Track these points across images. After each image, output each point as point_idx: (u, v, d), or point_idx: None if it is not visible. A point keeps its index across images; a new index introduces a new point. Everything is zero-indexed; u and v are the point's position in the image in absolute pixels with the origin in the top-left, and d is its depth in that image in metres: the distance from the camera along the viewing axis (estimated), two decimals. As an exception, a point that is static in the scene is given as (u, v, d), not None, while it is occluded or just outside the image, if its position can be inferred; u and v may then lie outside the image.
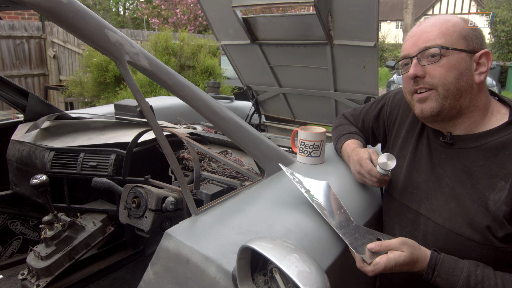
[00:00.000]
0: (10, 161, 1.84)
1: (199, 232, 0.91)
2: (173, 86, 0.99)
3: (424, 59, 0.96)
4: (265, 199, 1.09)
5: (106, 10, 25.74)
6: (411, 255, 0.87)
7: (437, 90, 0.95)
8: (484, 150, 0.95)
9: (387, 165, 1.04)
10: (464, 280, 0.87)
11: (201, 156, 1.62)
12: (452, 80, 0.93)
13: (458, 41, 0.94)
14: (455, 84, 0.94)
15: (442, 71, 0.94)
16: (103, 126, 1.96)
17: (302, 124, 2.86)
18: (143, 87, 5.25)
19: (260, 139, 1.21)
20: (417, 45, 0.97)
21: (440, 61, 0.93)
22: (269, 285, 0.76)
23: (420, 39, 0.97)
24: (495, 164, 0.92)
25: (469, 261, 0.90)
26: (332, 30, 2.00)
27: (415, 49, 0.97)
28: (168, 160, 0.95)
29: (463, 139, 0.99)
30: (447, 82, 0.94)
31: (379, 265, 0.85)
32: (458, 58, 0.93)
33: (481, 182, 0.93)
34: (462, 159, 0.98)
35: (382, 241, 0.89)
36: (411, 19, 16.00)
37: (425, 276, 0.90)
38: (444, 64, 0.93)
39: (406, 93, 1.06)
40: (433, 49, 0.94)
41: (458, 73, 0.93)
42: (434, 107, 0.97)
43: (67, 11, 0.78)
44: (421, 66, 0.96)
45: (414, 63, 0.97)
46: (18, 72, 7.28)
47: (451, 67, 0.93)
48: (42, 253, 1.44)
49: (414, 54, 0.97)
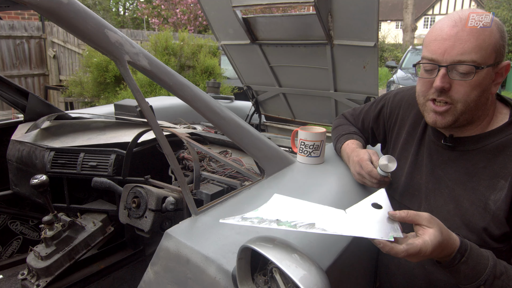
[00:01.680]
0: (10, 161, 1.84)
1: (199, 232, 0.91)
2: (173, 86, 0.99)
3: (454, 72, 0.89)
4: (265, 199, 1.08)
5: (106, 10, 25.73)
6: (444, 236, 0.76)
7: (456, 106, 0.91)
8: (486, 152, 0.94)
9: (388, 167, 1.03)
10: (491, 269, 0.80)
11: (201, 156, 1.62)
12: (474, 98, 0.90)
13: (491, 56, 0.88)
14: (475, 101, 0.91)
15: (468, 89, 0.89)
16: (103, 126, 1.96)
17: (302, 124, 2.86)
18: (143, 87, 5.24)
19: (260, 139, 1.21)
20: (451, 55, 0.88)
21: (470, 78, 0.88)
22: (269, 285, 0.76)
23: (455, 49, 0.87)
24: (496, 164, 0.92)
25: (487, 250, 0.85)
26: (332, 30, 2.00)
27: (447, 58, 0.89)
28: (168, 160, 0.95)
29: (464, 141, 0.99)
30: (469, 100, 0.90)
31: (415, 246, 0.73)
32: (485, 75, 0.89)
33: (483, 183, 0.93)
34: (464, 161, 0.98)
35: (409, 211, 0.79)
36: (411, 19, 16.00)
37: (450, 261, 0.80)
38: (472, 82, 0.88)
39: (420, 96, 0.99)
40: (468, 66, 0.87)
41: (481, 90, 0.90)
42: (449, 121, 0.94)
43: (67, 11, 0.78)
44: (449, 79, 0.90)
45: (442, 73, 0.90)
46: (18, 72, 7.28)
47: (477, 85, 0.89)
48: (42, 253, 1.44)
49: (445, 63, 0.89)
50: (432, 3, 30.92)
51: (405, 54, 9.38)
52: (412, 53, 9.14)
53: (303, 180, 1.23)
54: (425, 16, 31.64)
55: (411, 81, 7.47)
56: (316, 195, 1.14)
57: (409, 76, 7.76)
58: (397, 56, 18.05)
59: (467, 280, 0.81)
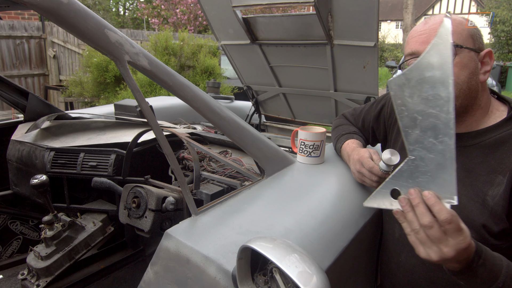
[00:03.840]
0: (10, 161, 1.84)
1: (199, 232, 0.91)
2: (173, 86, 0.99)
3: None
4: (265, 199, 1.09)
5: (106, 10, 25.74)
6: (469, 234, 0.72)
7: None
8: (483, 147, 0.95)
9: (391, 160, 1.01)
10: (506, 269, 0.77)
11: (201, 156, 1.62)
12: (465, 79, 0.92)
13: (468, 40, 0.92)
14: (467, 83, 0.92)
15: (456, 70, 0.90)
16: (103, 126, 1.96)
17: (302, 124, 2.86)
18: (143, 87, 5.24)
19: (260, 139, 1.21)
20: (428, 43, 0.90)
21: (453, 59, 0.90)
22: (269, 285, 0.76)
23: (431, 37, 0.92)
24: (494, 160, 0.92)
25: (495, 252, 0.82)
26: (332, 30, 2.00)
27: (425, 46, 0.91)
28: (168, 160, 0.95)
29: (462, 137, 0.99)
30: (460, 82, 0.92)
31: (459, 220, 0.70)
32: (469, 57, 0.92)
33: (480, 178, 0.93)
34: (462, 157, 0.98)
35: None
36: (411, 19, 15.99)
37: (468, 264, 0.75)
38: (457, 63, 0.91)
39: None
40: None
41: (469, 72, 0.92)
42: None
43: (67, 11, 0.78)
44: None
45: None
46: (18, 72, 7.28)
47: (463, 66, 0.91)
48: (42, 253, 1.44)
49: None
50: (432, 3, 30.93)
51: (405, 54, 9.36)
52: (405, 56, 9.12)
53: (303, 180, 1.23)
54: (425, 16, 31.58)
55: (411, 81, 7.45)
56: (316, 195, 1.14)
57: (409, 76, 7.74)
58: (397, 56, 18.06)
59: (483, 285, 0.77)
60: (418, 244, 0.74)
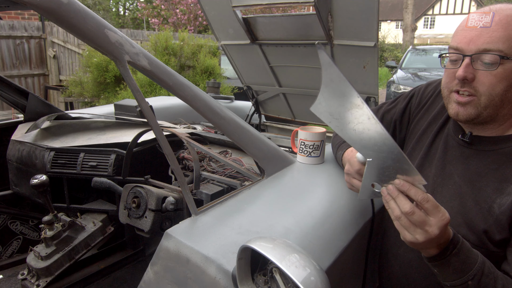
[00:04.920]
0: (10, 161, 1.84)
1: (199, 232, 0.91)
2: (173, 86, 0.99)
3: (479, 63, 0.87)
4: (265, 199, 1.09)
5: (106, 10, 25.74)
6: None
7: (479, 99, 0.88)
8: (501, 155, 0.93)
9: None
10: (480, 265, 0.79)
11: (201, 156, 1.62)
12: (500, 92, 0.87)
13: None
14: (501, 95, 0.87)
15: (493, 81, 0.86)
16: (103, 126, 1.96)
17: (302, 124, 2.86)
18: (143, 87, 5.25)
19: (260, 139, 1.21)
20: (476, 44, 0.86)
21: (495, 69, 0.85)
22: (269, 285, 0.76)
23: (481, 37, 0.85)
24: (509, 169, 0.90)
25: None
26: (332, 30, 2.00)
27: (472, 47, 0.86)
28: (168, 160, 0.95)
29: (482, 140, 0.97)
30: (494, 93, 0.87)
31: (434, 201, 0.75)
32: (511, 69, 0.86)
33: (491, 185, 0.91)
34: (477, 160, 0.96)
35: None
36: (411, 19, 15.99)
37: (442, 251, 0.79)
38: (498, 74, 0.85)
39: (445, 88, 0.97)
40: (493, 56, 0.84)
41: (507, 85, 0.86)
42: (471, 113, 0.91)
43: (67, 11, 0.78)
44: (473, 69, 0.87)
45: (466, 63, 0.87)
46: (18, 72, 7.29)
47: (503, 78, 0.85)
48: (42, 253, 1.44)
49: (470, 53, 0.87)
50: (432, 3, 30.94)
51: (405, 54, 9.38)
52: (412, 53, 9.14)
53: (303, 180, 1.23)
54: (425, 16, 31.65)
55: (411, 81, 7.46)
56: (316, 195, 1.14)
57: (409, 76, 7.75)
58: (397, 56, 18.05)
59: (455, 275, 0.80)
60: (403, 229, 0.78)
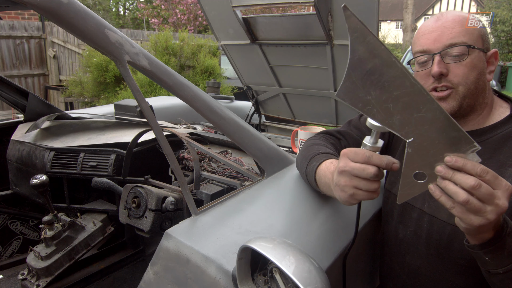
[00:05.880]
0: (10, 161, 1.84)
1: (199, 232, 0.91)
2: (173, 86, 0.99)
3: (448, 57, 0.93)
4: (265, 199, 1.09)
5: (106, 10, 25.74)
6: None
7: (457, 90, 0.94)
8: (490, 144, 0.95)
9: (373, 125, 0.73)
10: None
11: (201, 156, 1.62)
12: (473, 80, 0.93)
13: (478, 40, 0.93)
14: (475, 83, 0.94)
15: (465, 71, 0.92)
16: (103, 126, 1.96)
17: (302, 124, 2.86)
18: (143, 87, 5.25)
19: (260, 139, 1.21)
20: (441, 41, 0.93)
21: (464, 60, 0.92)
22: (269, 285, 0.76)
23: (444, 35, 0.93)
24: (502, 154, 0.93)
25: None
26: (332, 30, 2.00)
27: (438, 45, 0.94)
28: (168, 160, 0.95)
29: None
30: (469, 82, 0.93)
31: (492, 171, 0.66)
32: (478, 58, 0.93)
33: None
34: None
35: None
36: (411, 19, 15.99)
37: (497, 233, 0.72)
38: (468, 63, 0.92)
39: None
40: (459, 47, 0.92)
41: (478, 73, 0.94)
42: (454, 106, 0.95)
43: (67, 11, 0.78)
44: (445, 64, 0.94)
45: (438, 60, 0.94)
46: (18, 72, 7.29)
47: (473, 66, 0.93)
48: (42, 253, 1.44)
49: (437, 50, 0.94)
50: (432, 3, 30.93)
51: (405, 54, 9.39)
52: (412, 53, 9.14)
53: (303, 180, 1.23)
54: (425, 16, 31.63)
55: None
56: (316, 195, 1.14)
57: (409, 76, 7.75)
58: (397, 56, 18.05)
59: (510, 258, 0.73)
60: (469, 214, 0.67)
